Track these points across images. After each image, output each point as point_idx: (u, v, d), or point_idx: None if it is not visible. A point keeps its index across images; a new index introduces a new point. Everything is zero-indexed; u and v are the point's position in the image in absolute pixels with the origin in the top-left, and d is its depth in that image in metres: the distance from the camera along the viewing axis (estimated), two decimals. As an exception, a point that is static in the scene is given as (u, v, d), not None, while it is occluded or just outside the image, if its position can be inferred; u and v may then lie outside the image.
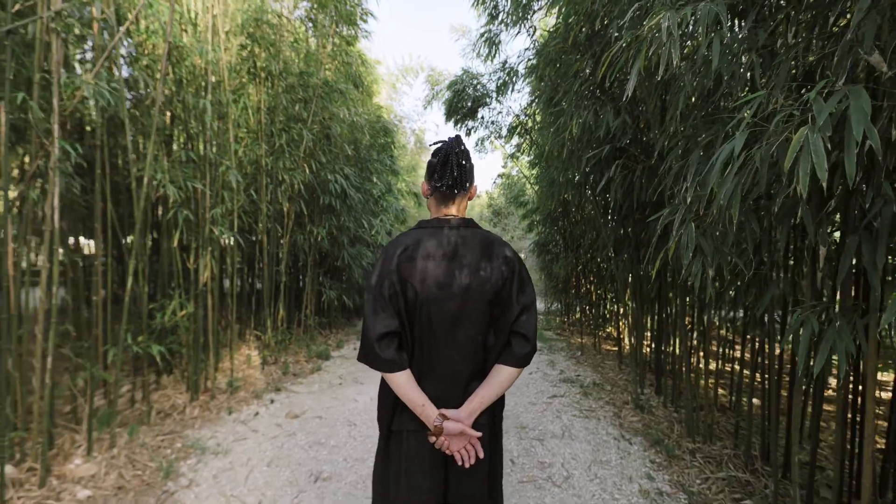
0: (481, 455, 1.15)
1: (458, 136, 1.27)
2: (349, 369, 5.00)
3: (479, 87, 6.45)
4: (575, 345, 6.62)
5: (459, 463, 1.14)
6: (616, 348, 6.14)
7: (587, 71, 3.66)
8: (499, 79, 5.58)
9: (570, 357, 5.91)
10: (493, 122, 6.99)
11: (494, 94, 6.42)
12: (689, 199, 1.85)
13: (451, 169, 1.20)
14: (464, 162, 1.22)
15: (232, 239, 3.63)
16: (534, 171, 7.58)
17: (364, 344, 1.14)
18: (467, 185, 1.24)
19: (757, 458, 2.73)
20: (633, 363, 4.95)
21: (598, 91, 3.77)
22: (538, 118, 6.29)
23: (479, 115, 6.95)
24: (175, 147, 3.67)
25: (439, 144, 1.26)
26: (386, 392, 1.20)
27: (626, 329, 5.82)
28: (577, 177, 4.63)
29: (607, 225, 4.10)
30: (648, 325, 4.42)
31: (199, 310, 3.71)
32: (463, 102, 6.60)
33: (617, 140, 3.33)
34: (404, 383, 1.12)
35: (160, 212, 3.78)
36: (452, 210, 1.25)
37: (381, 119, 6.55)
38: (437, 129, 22.52)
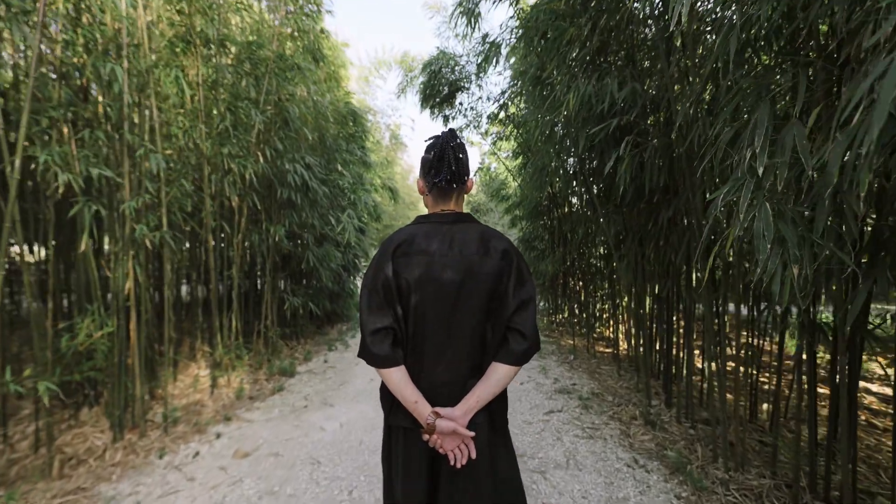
0: (473, 455, 1.12)
1: (452, 130, 1.24)
2: (317, 387, 4.36)
3: (456, 69, 5.88)
4: (566, 347, 6.16)
5: (451, 462, 1.11)
6: (611, 350, 5.71)
7: (584, 37, 3.15)
8: (479, 54, 5.00)
9: (563, 362, 5.43)
10: (472, 109, 6.43)
11: (474, 78, 5.86)
12: (761, 170, 1.33)
13: (448, 163, 1.18)
14: (461, 155, 1.21)
15: (158, 239, 2.94)
16: (517, 162, 7.09)
17: (361, 340, 1.15)
18: (465, 178, 1.23)
19: (805, 489, 2.27)
20: (635, 369, 4.51)
21: (599, 59, 3.27)
22: (522, 103, 5.78)
23: (458, 102, 6.39)
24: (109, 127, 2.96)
25: (433, 140, 1.23)
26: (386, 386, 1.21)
27: (624, 331, 5.39)
28: (572, 162, 4.14)
29: (606, 216, 3.61)
30: (652, 325, 3.96)
31: (122, 328, 3.02)
32: (439, 86, 6.01)
33: (625, 114, 2.82)
34: (397, 380, 1.12)
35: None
36: (450, 205, 1.23)
37: (348, 105, 5.89)
38: (412, 123, 21.84)
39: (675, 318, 3.61)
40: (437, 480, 1.15)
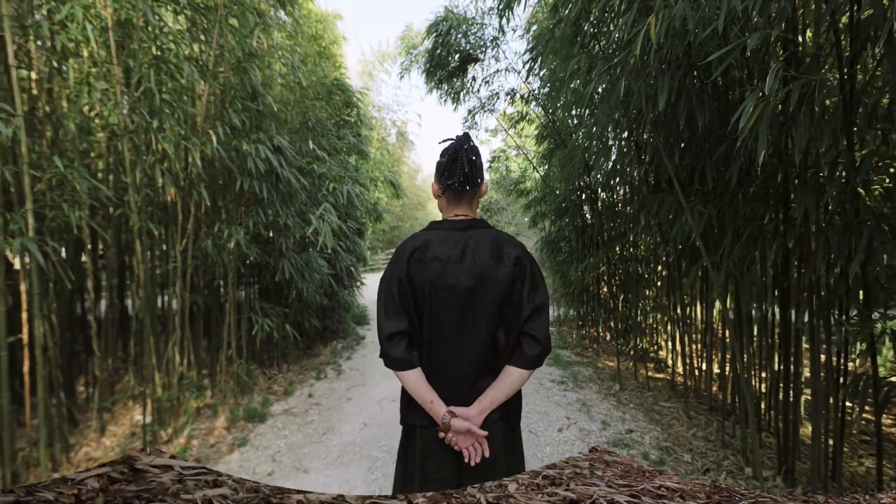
0: (486, 454, 1.15)
1: (466, 133, 1.25)
2: (292, 439, 3.31)
3: (469, 33, 4.83)
4: (605, 371, 5.05)
5: (466, 460, 1.15)
6: (663, 376, 4.59)
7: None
8: (499, 3, 3.91)
9: (607, 394, 4.32)
10: (486, 83, 5.36)
11: (490, 44, 4.80)
12: None
13: (461, 165, 1.19)
14: (474, 158, 1.22)
15: (18, 248, 1.92)
16: (540, 148, 6.00)
17: (379, 342, 1.18)
18: (478, 181, 1.24)
19: None
20: (708, 409, 3.39)
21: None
22: (550, 67, 4.69)
23: (470, 76, 5.33)
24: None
25: (448, 143, 1.25)
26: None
27: (689, 353, 4.26)
28: (627, 135, 3.04)
29: (692, 206, 2.51)
30: (758, 356, 2.84)
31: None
32: (448, 54, 4.97)
33: (762, 33, 1.72)
34: (413, 381, 1.16)
35: None
36: (464, 209, 1.25)
37: (338, 81, 4.85)
38: (419, 119, 20.79)
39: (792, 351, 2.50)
40: (460, 472, 1.18)
